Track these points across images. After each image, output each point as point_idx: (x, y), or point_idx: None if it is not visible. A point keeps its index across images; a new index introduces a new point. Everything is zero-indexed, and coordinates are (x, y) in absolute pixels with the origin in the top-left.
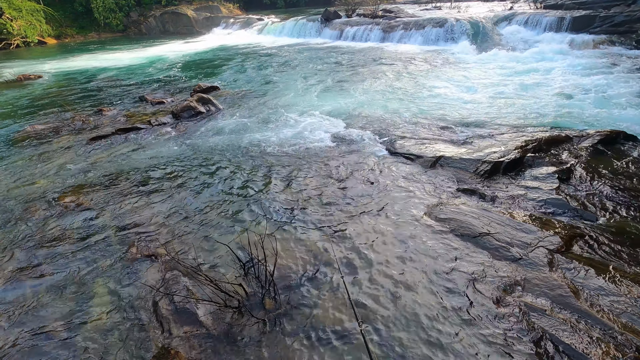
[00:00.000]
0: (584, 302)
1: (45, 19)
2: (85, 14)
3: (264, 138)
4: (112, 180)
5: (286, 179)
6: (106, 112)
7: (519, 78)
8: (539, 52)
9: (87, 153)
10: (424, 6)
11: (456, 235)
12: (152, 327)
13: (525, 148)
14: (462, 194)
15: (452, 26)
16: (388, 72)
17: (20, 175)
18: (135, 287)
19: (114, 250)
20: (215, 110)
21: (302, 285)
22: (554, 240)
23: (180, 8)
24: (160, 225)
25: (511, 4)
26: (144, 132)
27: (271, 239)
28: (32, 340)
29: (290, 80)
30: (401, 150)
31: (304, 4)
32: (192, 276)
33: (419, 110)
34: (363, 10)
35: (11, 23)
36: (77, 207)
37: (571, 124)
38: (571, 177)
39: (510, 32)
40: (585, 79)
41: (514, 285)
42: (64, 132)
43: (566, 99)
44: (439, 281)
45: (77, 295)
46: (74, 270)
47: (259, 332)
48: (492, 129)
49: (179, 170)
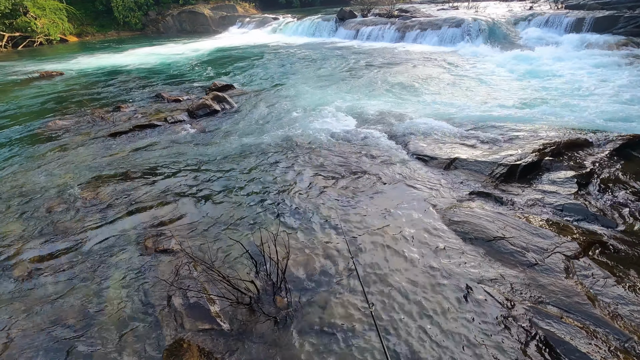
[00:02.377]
0: (601, 311)
1: (67, 17)
2: (106, 12)
3: (276, 136)
4: (129, 176)
5: (299, 178)
6: (124, 109)
7: (538, 80)
8: (558, 53)
9: (106, 148)
10: (440, 6)
11: (470, 238)
12: (165, 320)
13: (543, 151)
14: (476, 197)
15: (469, 26)
16: (403, 72)
17: (41, 169)
18: (150, 280)
19: (130, 244)
20: (230, 108)
21: (314, 284)
22: (571, 246)
23: (198, 7)
24: (175, 221)
25: (531, 4)
26: (160, 129)
27: (283, 237)
28: (49, 329)
29: (304, 80)
30: (415, 151)
31: (319, 3)
32: (205, 272)
33: (433, 111)
34: (379, 9)
35: (35, 21)
36: (95, 201)
37: (592, 127)
38: (591, 181)
39: (530, 33)
40: (607, 81)
41: (528, 291)
42: (84, 127)
43: (587, 102)
44: (451, 284)
45: (93, 286)
46: (91, 262)
47: (270, 329)
48: (509, 131)
49: (194, 167)
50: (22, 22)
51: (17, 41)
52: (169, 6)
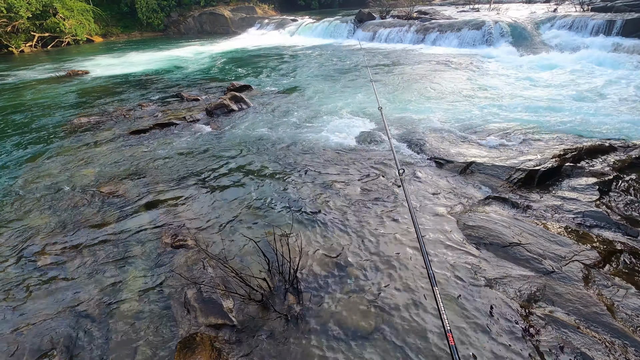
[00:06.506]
0: (621, 322)
1: (93, 18)
2: (130, 14)
3: (292, 137)
4: (148, 172)
5: (313, 178)
6: (145, 107)
7: (561, 84)
8: (584, 57)
9: (127, 145)
10: (461, 8)
11: (485, 243)
12: (180, 313)
13: (563, 157)
14: (492, 202)
15: (490, 28)
16: (421, 75)
17: (66, 164)
18: (165, 274)
19: (147, 239)
20: (247, 108)
21: (325, 284)
22: (590, 255)
23: (218, 9)
24: (191, 218)
25: (555, 6)
26: (179, 128)
27: (296, 236)
28: (68, 315)
29: (321, 81)
30: (430, 154)
31: (337, 5)
32: (218, 268)
33: (451, 114)
34: (397, 11)
35: (64, 22)
36: (115, 196)
37: (615, 134)
38: (613, 189)
39: (554, 36)
40: (636, 87)
41: (544, 299)
42: (107, 124)
43: (612, 108)
44: (464, 290)
45: (111, 278)
46: (111, 254)
47: (281, 326)
48: (529, 136)
49: (210, 166)
50: (51, 22)
51: (46, 41)
52: (190, 8)
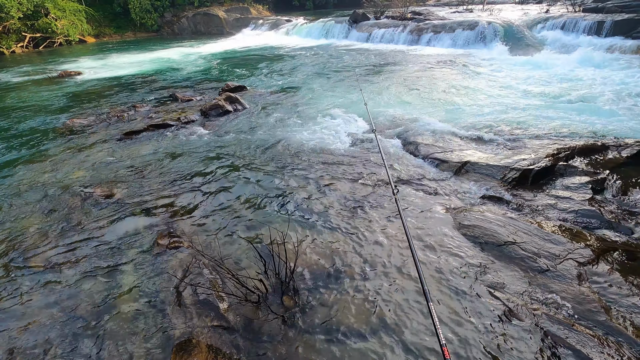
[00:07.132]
0: (615, 319)
1: (86, 18)
2: (123, 14)
3: (288, 138)
4: (143, 174)
5: (309, 179)
6: (139, 108)
7: (554, 84)
8: (576, 57)
9: (121, 147)
10: (454, 8)
11: (480, 242)
12: (175, 316)
13: (557, 156)
14: (487, 201)
15: (484, 29)
16: (415, 75)
17: (59, 166)
18: (160, 276)
19: (142, 241)
20: (242, 109)
21: (322, 285)
22: (584, 253)
23: (212, 9)
24: (187, 219)
25: (547, 7)
26: (173, 129)
27: (293, 238)
28: (63, 319)
29: (315, 81)
30: (425, 154)
31: (332, 6)
32: (214, 269)
33: (445, 114)
34: (392, 12)
35: (55, 22)
36: (109, 198)
37: (608, 132)
38: (606, 188)
39: (546, 36)
40: (626, 86)
41: (539, 297)
42: (101, 126)
43: (604, 107)
44: (460, 288)
45: (106, 281)
46: (104, 257)
47: (278, 328)
48: (522, 136)
49: (205, 167)
50: (43, 23)
51: (38, 42)
52: (184, 8)
